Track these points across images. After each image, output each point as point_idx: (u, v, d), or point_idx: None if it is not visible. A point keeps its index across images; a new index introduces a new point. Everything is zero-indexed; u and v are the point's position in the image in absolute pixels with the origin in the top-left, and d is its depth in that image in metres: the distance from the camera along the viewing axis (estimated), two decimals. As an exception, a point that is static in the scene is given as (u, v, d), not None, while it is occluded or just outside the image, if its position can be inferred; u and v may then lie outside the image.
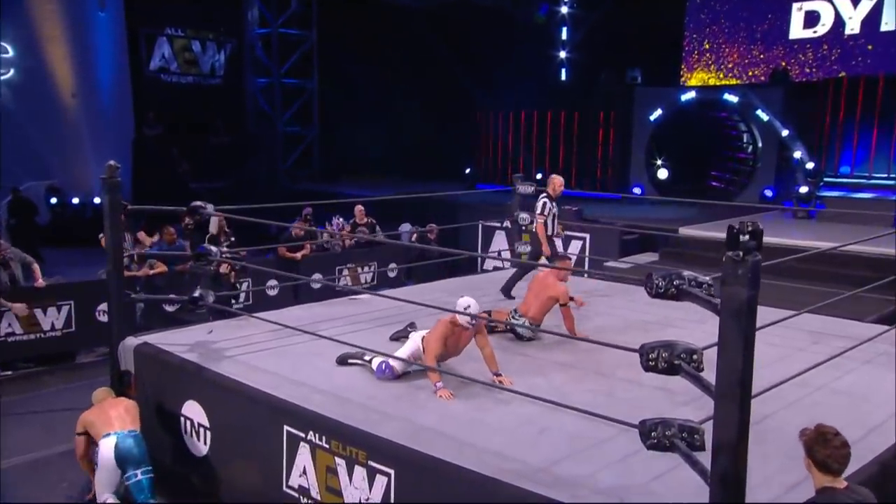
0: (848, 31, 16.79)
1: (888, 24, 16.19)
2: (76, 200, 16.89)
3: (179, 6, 20.05)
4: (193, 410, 5.10)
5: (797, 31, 17.56)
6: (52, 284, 9.06)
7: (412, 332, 5.37)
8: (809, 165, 15.46)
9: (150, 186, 14.98)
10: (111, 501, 4.78)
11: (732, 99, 16.71)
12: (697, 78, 19.11)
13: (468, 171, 20.12)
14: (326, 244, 11.51)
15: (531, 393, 4.34)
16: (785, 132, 16.00)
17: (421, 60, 20.71)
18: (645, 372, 3.20)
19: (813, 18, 17.25)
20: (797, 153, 15.80)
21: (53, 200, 16.73)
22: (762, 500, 3.37)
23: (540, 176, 16.79)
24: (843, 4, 16.80)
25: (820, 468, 2.85)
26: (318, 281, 9.33)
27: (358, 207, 11.70)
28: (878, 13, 16.30)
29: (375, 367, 4.95)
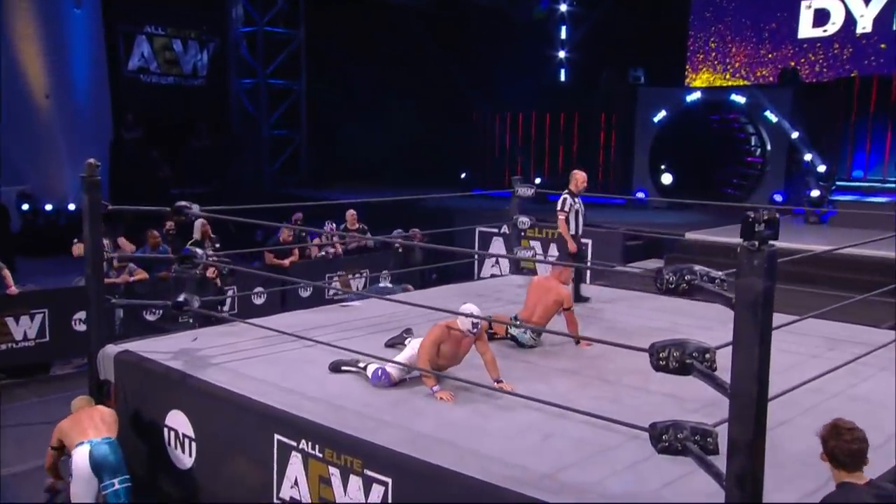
0: (860, 29, 16.92)
1: (902, 22, 16.36)
2: (49, 207, 16.74)
3: (160, 3, 19.93)
4: (178, 421, 5.08)
5: (806, 29, 17.71)
6: (24, 292, 8.97)
7: (409, 338, 5.39)
8: (821, 168, 15.53)
9: (128, 191, 14.81)
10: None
11: (740, 100, 16.81)
12: (703, 78, 19.23)
13: (463, 175, 20.15)
14: (319, 251, 11.48)
15: (534, 399, 4.34)
16: (795, 134, 16.07)
17: (415, 60, 20.71)
18: (655, 372, 3.22)
19: (823, 17, 17.39)
20: (808, 156, 15.87)
21: (25, 207, 16.55)
22: (778, 506, 3.38)
23: (539, 180, 16.89)
24: (854, 2, 16.95)
25: (832, 461, 2.90)
26: (308, 284, 9.30)
27: (350, 212, 11.70)
28: (890, 11, 16.44)
29: (371, 373, 4.95)
